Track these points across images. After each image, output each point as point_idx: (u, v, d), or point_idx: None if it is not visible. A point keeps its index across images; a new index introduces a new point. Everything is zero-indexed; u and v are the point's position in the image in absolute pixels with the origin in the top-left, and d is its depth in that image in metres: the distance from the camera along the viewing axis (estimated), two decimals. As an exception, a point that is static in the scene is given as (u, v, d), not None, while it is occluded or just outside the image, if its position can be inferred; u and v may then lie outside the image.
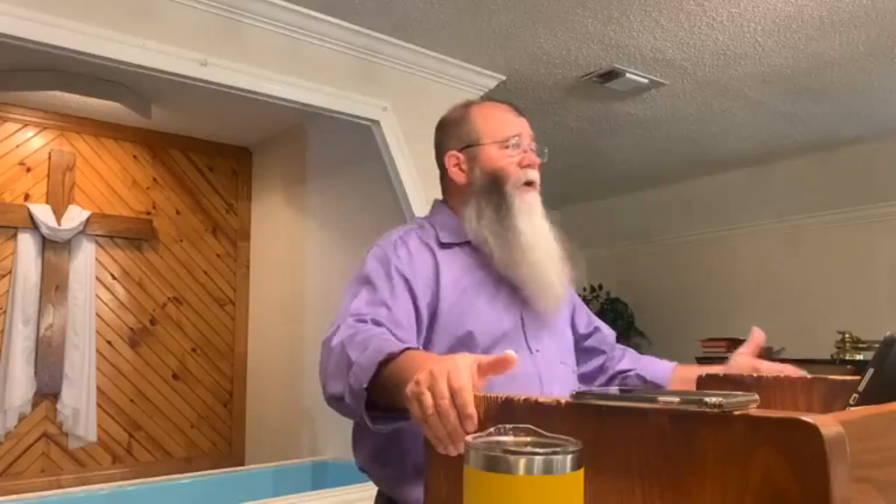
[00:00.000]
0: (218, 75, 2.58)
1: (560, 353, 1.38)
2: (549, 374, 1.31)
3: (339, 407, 1.09)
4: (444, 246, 1.35)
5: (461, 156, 1.40)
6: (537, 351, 1.32)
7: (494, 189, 1.35)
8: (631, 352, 1.55)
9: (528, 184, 1.36)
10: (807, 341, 4.73)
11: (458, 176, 1.40)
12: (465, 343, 1.25)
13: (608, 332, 1.54)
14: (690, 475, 0.63)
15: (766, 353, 4.84)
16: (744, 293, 5.39)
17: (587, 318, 1.53)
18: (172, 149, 4.09)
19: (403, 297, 1.25)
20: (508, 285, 1.34)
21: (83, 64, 2.52)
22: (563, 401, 0.76)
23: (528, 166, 1.36)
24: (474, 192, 1.37)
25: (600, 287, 6.19)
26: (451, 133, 1.44)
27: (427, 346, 1.26)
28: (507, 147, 1.37)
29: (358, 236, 3.56)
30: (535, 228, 1.34)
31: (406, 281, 1.27)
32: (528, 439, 0.63)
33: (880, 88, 3.59)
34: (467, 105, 1.47)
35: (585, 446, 0.61)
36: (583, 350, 1.50)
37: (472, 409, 0.78)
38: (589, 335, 1.51)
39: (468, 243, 1.36)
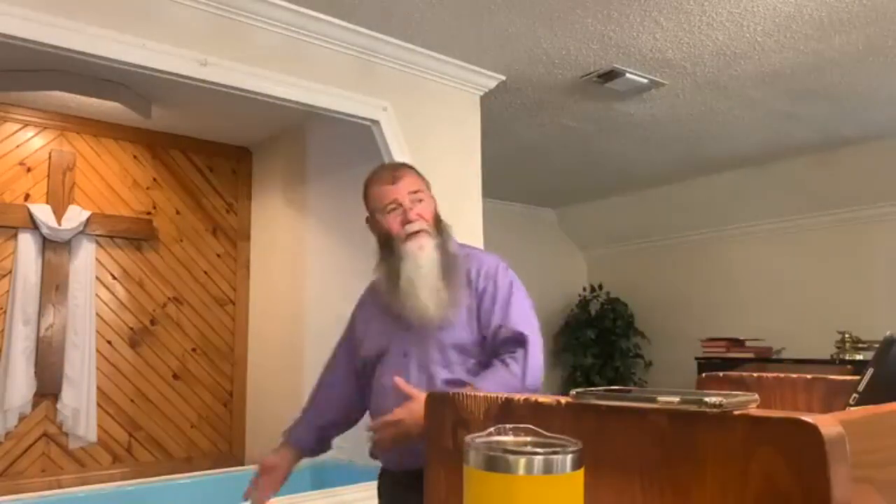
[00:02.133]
0: (218, 75, 2.58)
1: (426, 354, 1.74)
2: (409, 375, 1.71)
3: None
4: (374, 290, 1.90)
5: (370, 222, 1.89)
6: (405, 356, 1.76)
7: (385, 245, 1.81)
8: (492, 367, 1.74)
9: (413, 233, 1.77)
10: (807, 341, 4.73)
11: (374, 235, 1.88)
12: (364, 361, 1.85)
13: (495, 342, 1.74)
14: (690, 475, 0.63)
15: (767, 353, 4.85)
16: (744, 293, 5.39)
17: (488, 323, 1.75)
18: (172, 149, 4.08)
19: (344, 342, 1.97)
20: (390, 313, 1.79)
21: (83, 64, 2.51)
22: (563, 401, 0.76)
23: (408, 222, 1.78)
24: (379, 248, 1.85)
25: (600, 287, 6.19)
26: (365, 204, 1.91)
27: (353, 361, 1.91)
28: (388, 213, 1.80)
29: (358, 236, 3.54)
30: (413, 269, 1.74)
31: (349, 332, 1.96)
32: (528, 439, 0.63)
33: (880, 88, 3.60)
34: (366, 182, 1.91)
35: (585, 446, 0.61)
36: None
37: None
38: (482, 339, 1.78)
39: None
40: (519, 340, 1.70)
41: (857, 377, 0.90)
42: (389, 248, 1.80)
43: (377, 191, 1.85)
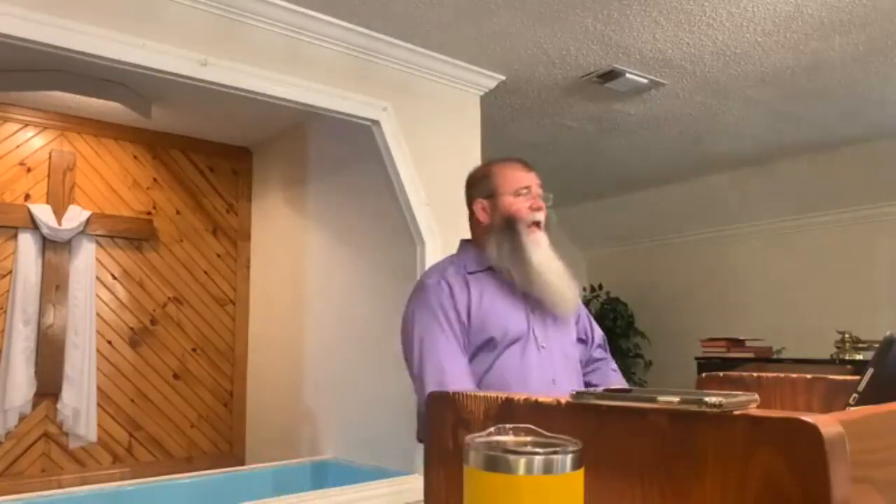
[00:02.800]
0: (218, 75, 2.58)
1: (563, 348, 1.80)
2: (552, 365, 1.75)
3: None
4: (470, 273, 1.79)
5: (485, 202, 1.83)
6: (543, 347, 1.75)
7: (509, 228, 1.78)
8: (603, 366, 1.97)
9: (536, 223, 1.80)
10: (807, 341, 4.72)
11: (483, 218, 1.83)
12: (489, 343, 1.71)
13: (594, 344, 1.99)
14: (690, 475, 0.63)
15: (767, 353, 4.84)
16: (744, 293, 5.38)
17: (584, 327, 1.97)
18: (172, 149, 4.09)
19: (454, 321, 1.72)
20: (521, 298, 1.77)
21: (83, 64, 2.51)
22: (563, 401, 0.76)
23: (537, 209, 1.81)
24: (495, 231, 1.80)
25: (600, 287, 6.19)
26: (477, 186, 1.88)
27: (468, 344, 1.72)
28: (519, 195, 1.80)
29: (357, 236, 3.56)
30: (540, 254, 1.77)
31: (454, 308, 1.73)
32: (528, 439, 0.63)
33: (880, 88, 3.59)
34: (489, 164, 1.90)
35: (585, 446, 0.61)
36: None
37: None
38: (581, 341, 1.95)
39: (489, 269, 1.79)
40: (605, 345, 2.02)
41: (857, 377, 0.90)
42: (512, 230, 1.78)
43: (511, 173, 1.84)
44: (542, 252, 1.77)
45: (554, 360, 1.75)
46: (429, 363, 1.66)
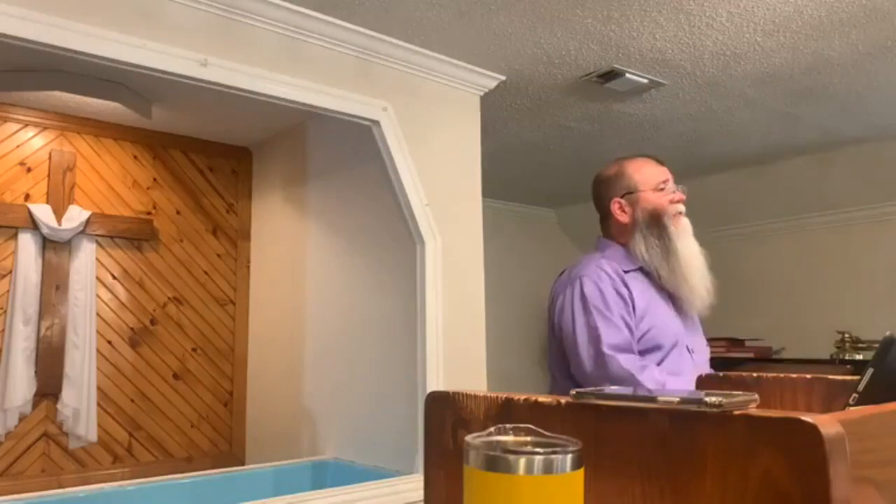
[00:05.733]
0: (218, 75, 2.58)
1: (704, 350, 1.82)
2: (701, 368, 1.72)
3: None
4: (626, 272, 1.76)
5: (623, 201, 1.83)
6: (692, 351, 1.75)
7: (654, 222, 1.77)
8: None
9: (679, 213, 1.81)
10: (807, 341, 4.73)
11: (622, 217, 1.82)
12: (654, 349, 1.69)
13: None
14: (690, 475, 0.63)
15: (767, 353, 4.85)
16: (744, 293, 5.38)
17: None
18: (172, 149, 4.08)
19: (625, 314, 1.67)
20: (672, 300, 1.78)
21: (83, 64, 2.51)
22: (563, 401, 0.76)
23: (678, 201, 1.82)
24: (638, 228, 1.79)
25: (600, 287, 6.18)
26: (612, 184, 1.86)
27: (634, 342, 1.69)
28: (659, 190, 1.81)
29: (358, 236, 3.56)
30: (689, 247, 1.77)
31: (622, 298, 1.69)
32: (528, 439, 0.63)
33: (880, 88, 3.59)
34: (619, 162, 1.90)
35: (585, 446, 0.61)
36: None
37: None
38: None
39: (640, 269, 1.78)
40: None
41: (857, 377, 0.91)
42: (659, 226, 1.78)
43: (651, 169, 1.85)
44: (689, 239, 1.80)
45: (703, 366, 1.78)
46: (603, 354, 1.63)
